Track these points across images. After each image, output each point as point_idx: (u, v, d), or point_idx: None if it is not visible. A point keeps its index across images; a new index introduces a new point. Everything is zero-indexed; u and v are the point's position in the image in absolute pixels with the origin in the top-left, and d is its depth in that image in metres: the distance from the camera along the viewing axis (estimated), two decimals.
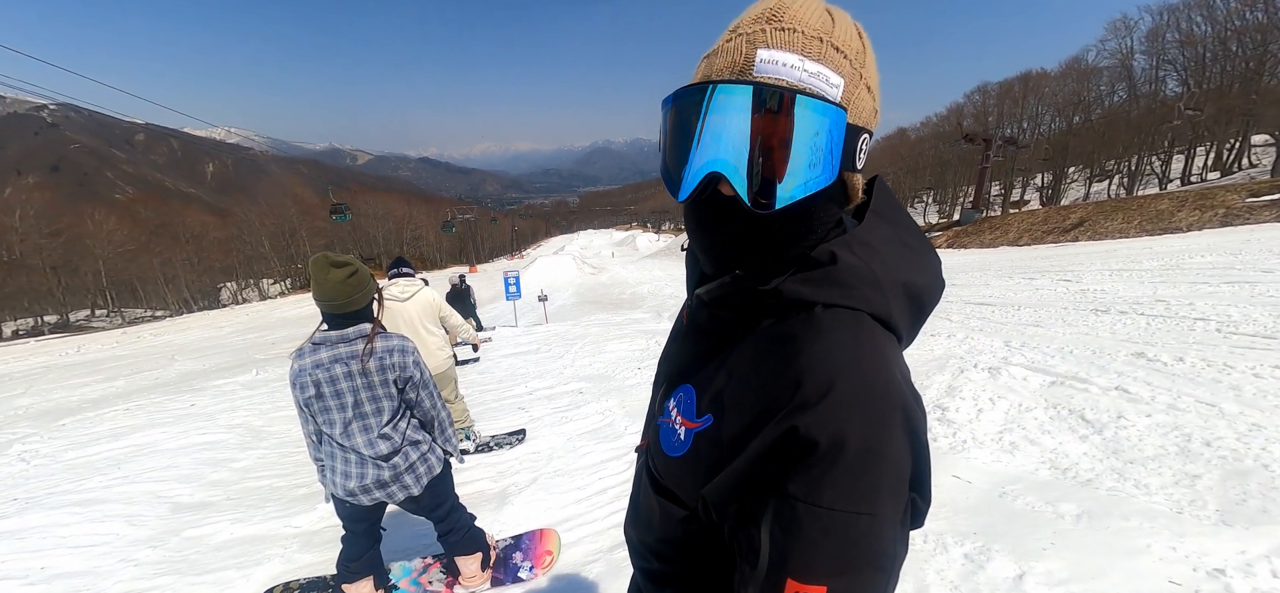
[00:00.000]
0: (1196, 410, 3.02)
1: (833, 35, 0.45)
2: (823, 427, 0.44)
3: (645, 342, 7.15)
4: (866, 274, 0.50)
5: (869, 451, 0.44)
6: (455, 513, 2.05)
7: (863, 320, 0.49)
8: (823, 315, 0.49)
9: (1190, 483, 2.35)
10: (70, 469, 4.00)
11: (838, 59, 0.45)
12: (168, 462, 3.98)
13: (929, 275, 0.56)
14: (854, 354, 0.47)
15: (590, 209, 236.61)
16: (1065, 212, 19.61)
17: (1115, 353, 4.21)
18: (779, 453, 0.46)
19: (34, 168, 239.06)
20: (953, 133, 37.35)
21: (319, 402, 1.73)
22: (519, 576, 2.23)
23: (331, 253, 1.73)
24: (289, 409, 5.31)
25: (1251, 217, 13.20)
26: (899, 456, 0.45)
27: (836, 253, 0.50)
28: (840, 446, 0.43)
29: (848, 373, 0.46)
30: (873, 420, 0.44)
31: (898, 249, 0.53)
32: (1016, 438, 2.98)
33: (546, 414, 4.51)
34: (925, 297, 0.55)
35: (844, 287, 0.49)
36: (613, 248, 66.11)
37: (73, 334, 23.46)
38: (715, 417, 0.53)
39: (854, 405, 0.44)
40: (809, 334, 0.48)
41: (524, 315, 13.07)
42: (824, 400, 0.45)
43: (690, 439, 0.56)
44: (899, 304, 0.51)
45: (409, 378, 1.82)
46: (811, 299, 0.50)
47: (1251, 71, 26.54)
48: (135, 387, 8.05)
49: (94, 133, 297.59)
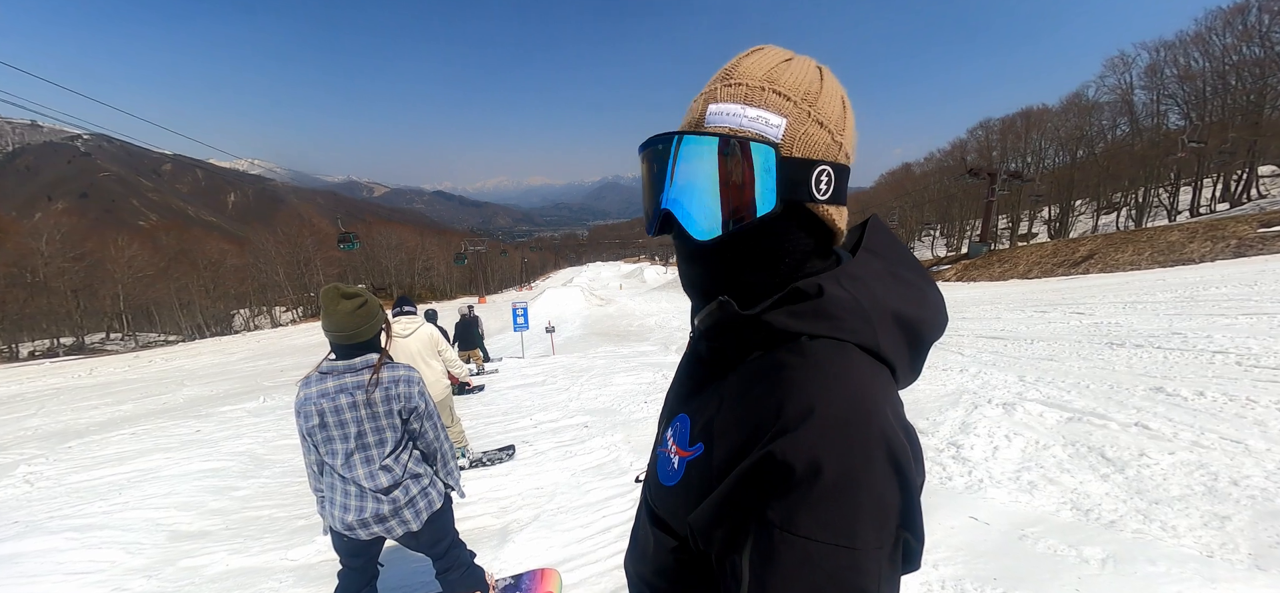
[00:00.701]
0: (1222, 448, 2.91)
1: (776, 81, 0.50)
2: (799, 452, 0.44)
3: (652, 374, 7.10)
4: (852, 305, 0.50)
5: (847, 478, 0.43)
6: (455, 550, 2.01)
7: (848, 351, 0.49)
8: (809, 346, 0.50)
9: (1220, 525, 2.25)
10: (73, 493, 3.99)
11: (778, 101, 0.49)
12: (169, 488, 3.95)
13: (926, 308, 0.55)
14: (835, 381, 0.47)
15: (599, 242, 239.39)
16: (1074, 244, 19.50)
17: (1133, 388, 4.10)
18: (758, 479, 0.46)
19: (64, 194, 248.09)
20: (957, 168, 37.65)
21: (322, 431, 1.73)
22: None
23: (342, 284, 1.78)
24: (293, 437, 5.29)
25: (1265, 247, 13.01)
26: (881, 487, 0.44)
27: (823, 285, 0.51)
28: (816, 472, 0.43)
29: (827, 399, 0.45)
30: (851, 448, 0.44)
31: (889, 281, 0.54)
32: (1035, 477, 2.87)
33: (551, 448, 4.45)
34: (922, 328, 0.54)
35: (830, 318, 0.50)
36: (621, 280, 66.44)
37: (87, 357, 23.79)
38: (706, 445, 0.53)
39: (831, 432, 0.44)
40: (795, 363, 0.49)
41: (531, 347, 13.06)
42: (801, 426, 0.45)
43: (682, 468, 0.56)
44: (890, 335, 0.51)
45: (414, 408, 1.83)
46: (798, 330, 0.50)
47: (1252, 104, 26.68)
48: (143, 411, 8.08)
49: (124, 162, 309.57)
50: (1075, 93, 36.36)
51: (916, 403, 4.41)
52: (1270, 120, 25.61)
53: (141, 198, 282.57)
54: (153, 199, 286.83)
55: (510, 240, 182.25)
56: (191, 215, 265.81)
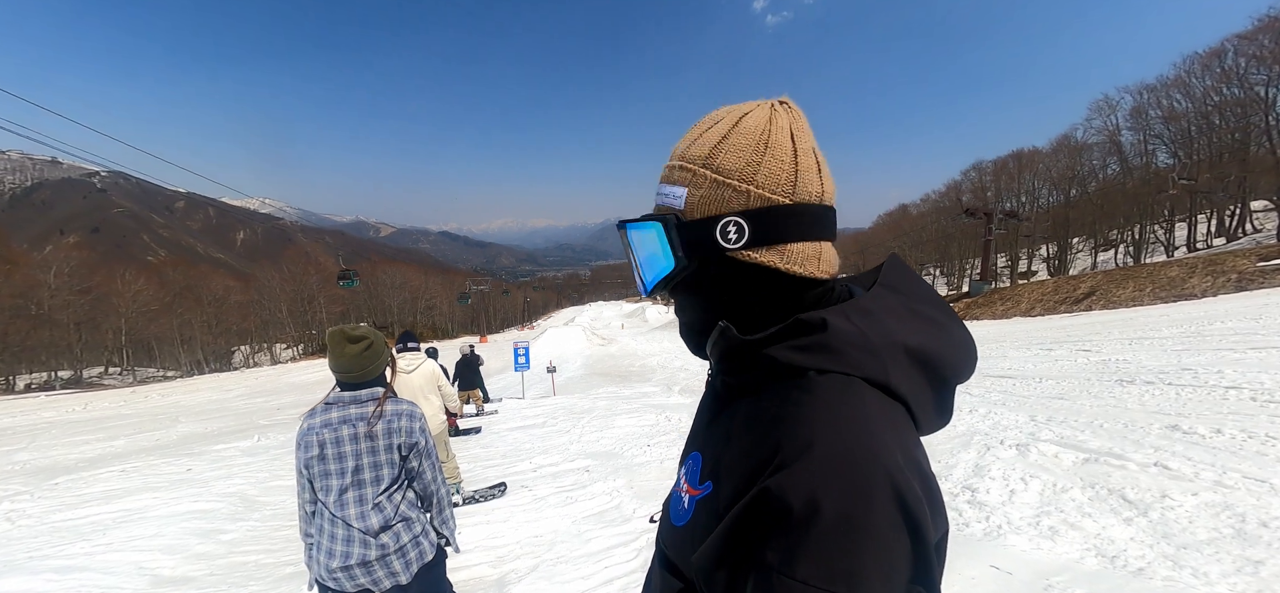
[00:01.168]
0: (1246, 487, 2.81)
1: (684, 155, 0.56)
2: (796, 489, 0.42)
3: (655, 416, 6.97)
4: (857, 338, 0.49)
5: (847, 520, 0.40)
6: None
7: (854, 385, 0.48)
8: (816, 381, 0.48)
9: (1254, 570, 2.13)
10: (56, 532, 3.86)
11: (681, 175, 0.55)
12: (155, 530, 3.82)
13: (946, 344, 0.53)
14: (838, 417, 0.45)
15: (602, 281, 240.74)
16: (1075, 281, 19.53)
17: (1148, 426, 4.00)
18: (755, 518, 0.44)
19: (77, 228, 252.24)
20: (953, 208, 38.19)
21: (320, 463, 1.68)
22: None
23: (347, 327, 1.75)
24: (286, 478, 5.17)
25: (1265, 281, 13.00)
26: (885, 532, 0.41)
27: (828, 319, 0.50)
28: (814, 511, 0.41)
29: (828, 435, 0.44)
30: (852, 488, 0.41)
31: (905, 316, 0.52)
32: (1055, 522, 2.76)
33: (551, 494, 4.31)
34: (941, 364, 0.52)
35: (834, 352, 0.49)
36: (623, 319, 66.37)
37: (83, 390, 23.55)
38: (714, 484, 0.52)
39: (831, 468, 0.42)
40: (801, 399, 0.48)
41: (532, 387, 12.91)
42: (798, 461, 0.43)
43: (692, 507, 0.54)
44: (901, 368, 0.49)
45: (414, 444, 1.78)
46: (803, 365, 0.49)
47: (1238, 142, 27.22)
48: (135, 447, 7.92)
49: (138, 199, 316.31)
50: (1064, 135, 37.31)
51: (926, 445, 4.29)
52: (1258, 157, 26.10)
53: (152, 233, 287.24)
54: (163, 235, 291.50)
55: (513, 280, 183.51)
56: (200, 252, 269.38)
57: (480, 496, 4.35)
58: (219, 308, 44.92)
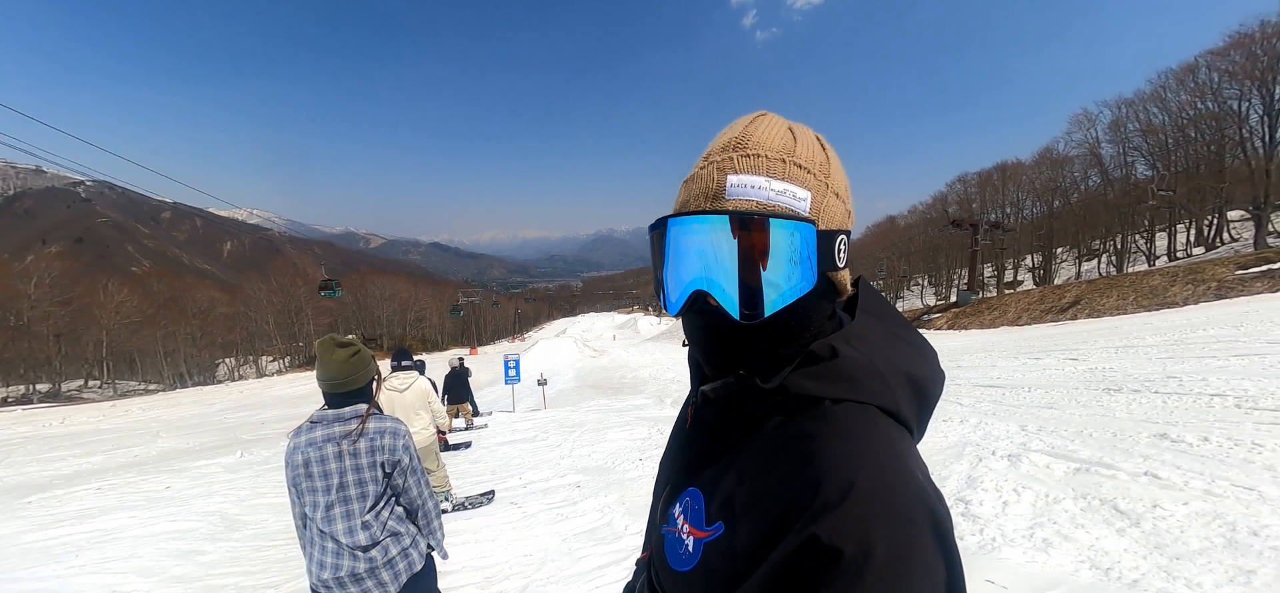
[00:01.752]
0: (1235, 495, 2.83)
1: (795, 154, 0.50)
2: (846, 533, 0.41)
3: (647, 429, 6.91)
4: (868, 366, 0.49)
5: (899, 559, 0.40)
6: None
7: (873, 415, 0.48)
8: (832, 411, 0.48)
9: (1246, 579, 2.14)
10: (26, 554, 3.71)
11: (802, 175, 0.49)
12: (130, 551, 3.69)
13: (928, 366, 0.54)
14: (868, 450, 0.45)
15: (593, 293, 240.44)
16: (1060, 291, 19.84)
17: (1136, 435, 4.04)
18: (801, 565, 0.42)
19: (60, 238, 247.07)
20: (940, 219, 38.79)
21: (307, 480, 1.69)
22: None
23: (336, 335, 1.81)
24: (269, 496, 5.04)
25: (1244, 289, 13.31)
26: (931, 563, 0.41)
27: (836, 348, 0.50)
28: (867, 554, 0.40)
29: (865, 472, 0.43)
30: (899, 524, 0.41)
31: (893, 342, 0.53)
32: (1049, 534, 2.75)
33: (540, 511, 4.23)
34: (927, 387, 0.53)
35: (849, 381, 0.48)
36: (614, 331, 66.23)
37: (61, 404, 22.89)
38: (727, 525, 0.49)
39: (877, 508, 0.41)
40: (822, 432, 0.47)
41: (522, 400, 12.77)
42: (844, 503, 0.42)
43: (700, 551, 0.51)
44: (904, 395, 0.50)
45: (398, 462, 1.78)
46: (818, 394, 0.49)
47: (1213, 154, 28.03)
48: (113, 463, 7.68)
49: (123, 209, 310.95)
50: (1046, 148, 38.17)
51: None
52: (1233, 168, 26.86)
53: (137, 244, 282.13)
54: (148, 245, 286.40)
55: (504, 292, 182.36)
56: (186, 262, 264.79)
57: (470, 502, 4.45)
58: (204, 320, 44.13)
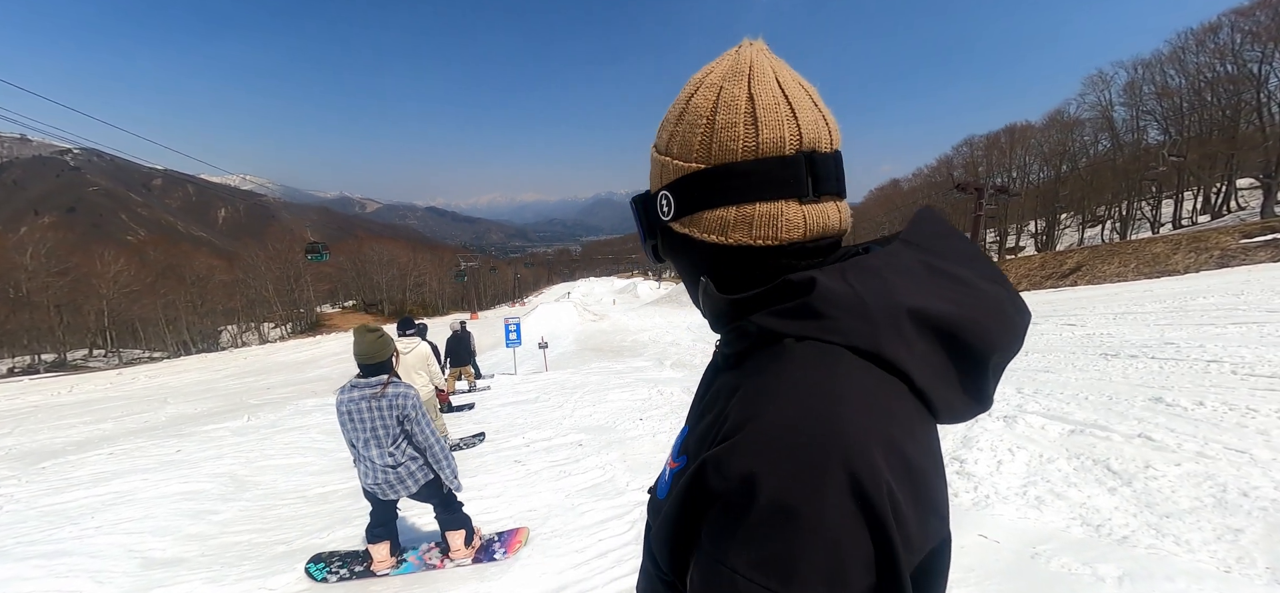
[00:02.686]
0: (1227, 458, 2.88)
1: (655, 138, 0.54)
2: (731, 466, 0.37)
3: (647, 391, 6.99)
4: (847, 300, 0.42)
5: (786, 507, 0.35)
6: (448, 504, 2.77)
7: (836, 355, 0.41)
8: (791, 348, 0.42)
9: (1233, 538, 2.19)
10: (44, 517, 3.80)
11: (651, 156, 0.54)
12: (144, 512, 3.78)
13: (975, 308, 0.43)
14: (792, 386, 0.39)
15: (592, 257, 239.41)
16: (1062, 257, 19.78)
17: (1132, 398, 4.08)
18: (693, 495, 0.41)
19: (52, 208, 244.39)
20: (944, 183, 38.25)
21: (350, 422, 2.51)
22: (494, 556, 2.88)
23: (368, 324, 2.63)
24: (277, 457, 5.16)
25: (1247, 257, 13.28)
26: (835, 525, 0.34)
27: (817, 279, 0.43)
28: (749, 494, 0.36)
29: (777, 406, 0.38)
30: (795, 470, 0.35)
31: (921, 274, 0.44)
32: (1042, 492, 2.82)
33: (544, 468, 4.33)
34: (964, 332, 0.43)
35: (818, 317, 0.42)
36: (614, 295, 66.27)
37: (68, 373, 23.17)
38: (688, 458, 0.49)
39: (772, 444, 0.36)
40: (766, 369, 0.42)
41: (524, 363, 12.89)
42: (737, 435, 0.38)
43: (670, 480, 0.51)
44: (900, 336, 0.41)
45: (406, 415, 2.56)
46: (780, 331, 0.43)
47: (1228, 119, 27.43)
48: (123, 429, 7.82)
49: (113, 177, 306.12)
50: (1057, 110, 37.23)
51: None
52: (1247, 134, 26.33)
53: (130, 212, 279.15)
54: (142, 214, 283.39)
55: (503, 256, 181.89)
56: (181, 230, 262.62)
57: (464, 443, 5.23)
58: (203, 287, 44.09)
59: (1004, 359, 0.45)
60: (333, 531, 3.44)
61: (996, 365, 0.45)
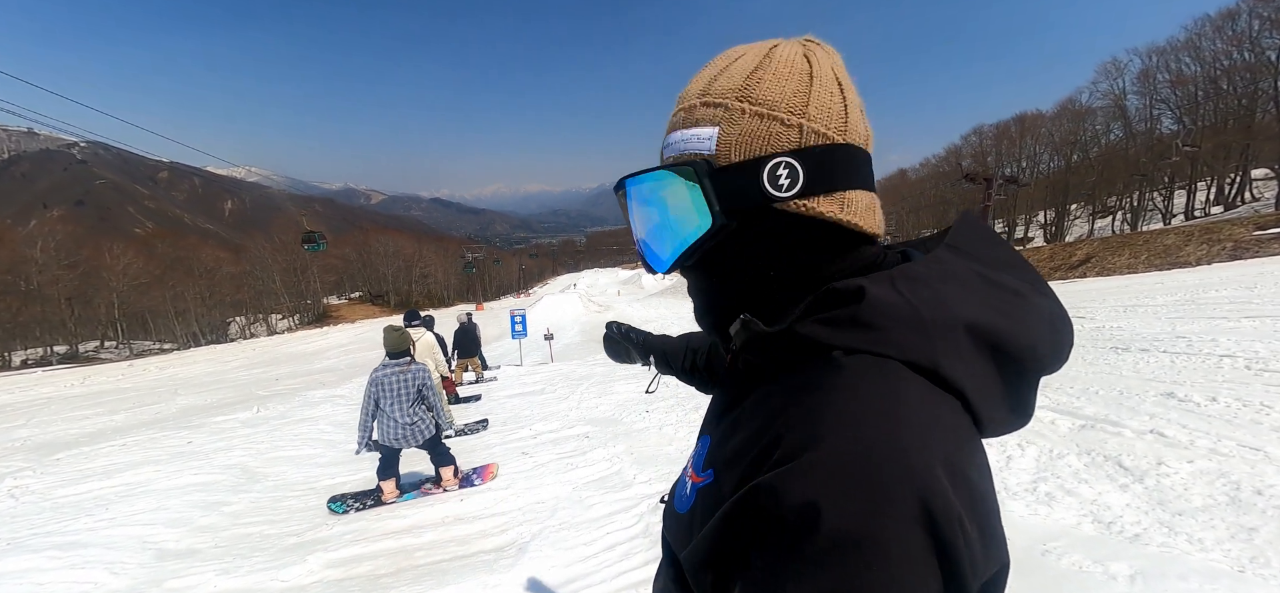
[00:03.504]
0: (1240, 455, 2.85)
1: (709, 91, 0.46)
2: (793, 491, 0.35)
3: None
4: (902, 312, 0.40)
5: (850, 540, 0.33)
6: (440, 450, 3.88)
7: (890, 369, 0.39)
8: (842, 362, 0.40)
9: (1247, 537, 2.17)
10: (58, 509, 3.87)
11: (707, 112, 0.46)
12: (157, 503, 3.84)
13: (1027, 322, 0.42)
14: (859, 405, 0.37)
15: (597, 248, 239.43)
16: (1071, 248, 19.57)
17: (1143, 393, 4.04)
18: (744, 518, 0.39)
19: (60, 201, 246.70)
20: (953, 173, 37.77)
21: (383, 389, 3.63)
22: (473, 484, 3.97)
23: (393, 324, 3.93)
24: (287, 449, 5.22)
25: (1261, 250, 13.06)
26: (904, 558, 0.32)
27: (867, 288, 0.41)
28: (811, 521, 0.34)
29: (840, 429, 0.36)
30: (865, 497, 0.33)
31: (975, 285, 0.42)
32: (1052, 488, 2.80)
33: (551, 460, 4.35)
34: (1017, 348, 0.41)
35: (869, 328, 0.40)
36: (619, 286, 66.25)
37: (80, 365, 23.51)
38: (715, 473, 0.46)
39: (839, 470, 0.34)
40: (820, 384, 0.40)
41: (529, 354, 12.94)
42: (799, 459, 0.36)
43: (693, 495, 0.49)
44: (956, 352, 0.39)
45: (424, 383, 3.77)
46: (828, 342, 0.41)
47: (1244, 109, 26.90)
48: (135, 421, 7.93)
49: (119, 170, 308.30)
50: (1068, 98, 36.64)
51: None
52: (1262, 124, 25.82)
53: (138, 205, 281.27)
54: (149, 206, 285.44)
55: (507, 247, 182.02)
56: (188, 223, 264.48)
57: (469, 428, 5.60)
58: (211, 279, 44.46)
59: (1049, 372, 0.44)
60: (343, 524, 3.48)
61: (1039, 380, 0.44)
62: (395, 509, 3.65)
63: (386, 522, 3.47)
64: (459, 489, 3.86)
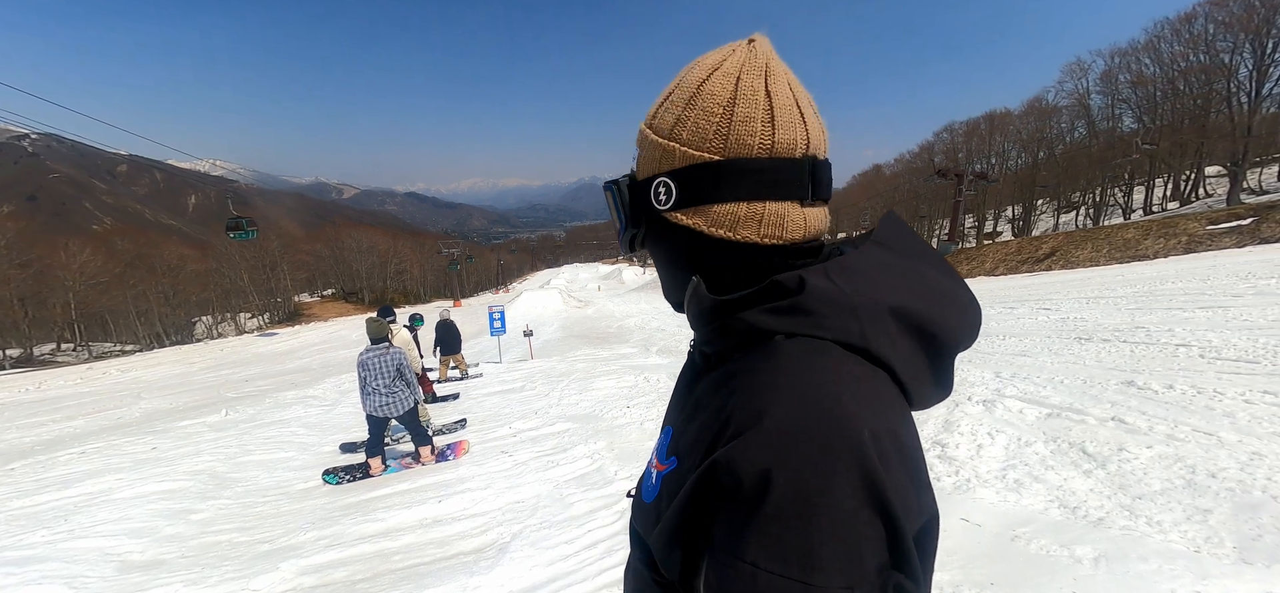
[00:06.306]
0: (1196, 440, 2.99)
1: (648, 115, 0.54)
2: (745, 461, 0.39)
3: (634, 377, 7.00)
4: (835, 298, 0.45)
5: (801, 498, 0.37)
6: (416, 426, 4.53)
7: (828, 350, 0.44)
8: (783, 346, 0.45)
9: (1202, 518, 2.29)
10: (13, 521, 3.67)
11: (640, 136, 0.54)
12: (120, 513, 3.67)
13: (943, 305, 0.48)
14: (800, 382, 0.41)
15: (577, 243, 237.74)
16: (1037, 242, 20.28)
17: (1105, 382, 4.22)
18: (704, 494, 0.42)
19: (10, 198, 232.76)
20: (925, 169, 38.71)
21: (367, 369, 4.32)
22: (448, 459, 4.54)
23: (373, 316, 4.67)
24: (257, 453, 5.07)
25: (1213, 244, 13.77)
26: (849, 511, 0.36)
27: (805, 278, 0.46)
28: (764, 486, 0.37)
29: (783, 401, 0.40)
30: (809, 460, 0.37)
31: (895, 275, 0.48)
32: (1021, 475, 2.90)
33: (531, 458, 4.31)
34: (936, 329, 0.47)
35: (807, 314, 0.45)
36: (599, 281, 66.03)
37: (35, 369, 22.31)
38: (678, 459, 0.50)
39: (786, 438, 0.38)
40: (762, 366, 0.45)
41: (509, 351, 12.80)
42: (749, 432, 0.40)
43: (659, 483, 0.52)
44: (884, 331, 0.45)
45: (401, 363, 4.43)
46: (772, 329, 0.46)
47: (1199, 108, 28.22)
48: (95, 427, 7.56)
49: (75, 163, 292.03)
50: (1035, 97, 37.82)
51: None
52: (1216, 123, 27.13)
53: (95, 200, 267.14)
54: (107, 202, 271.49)
55: (486, 242, 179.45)
56: (149, 218, 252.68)
57: (446, 428, 5.60)
58: (175, 277, 42.54)
59: (963, 349, 0.50)
60: (317, 529, 3.39)
61: (956, 356, 0.50)
62: (384, 479, 4.29)
63: (362, 525, 3.37)
64: (435, 463, 4.49)
